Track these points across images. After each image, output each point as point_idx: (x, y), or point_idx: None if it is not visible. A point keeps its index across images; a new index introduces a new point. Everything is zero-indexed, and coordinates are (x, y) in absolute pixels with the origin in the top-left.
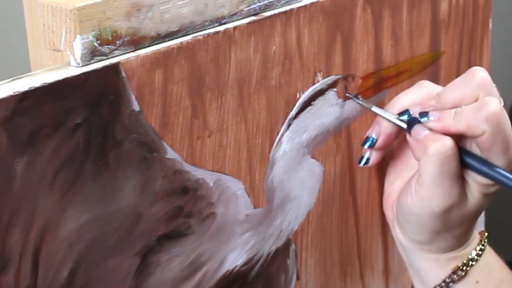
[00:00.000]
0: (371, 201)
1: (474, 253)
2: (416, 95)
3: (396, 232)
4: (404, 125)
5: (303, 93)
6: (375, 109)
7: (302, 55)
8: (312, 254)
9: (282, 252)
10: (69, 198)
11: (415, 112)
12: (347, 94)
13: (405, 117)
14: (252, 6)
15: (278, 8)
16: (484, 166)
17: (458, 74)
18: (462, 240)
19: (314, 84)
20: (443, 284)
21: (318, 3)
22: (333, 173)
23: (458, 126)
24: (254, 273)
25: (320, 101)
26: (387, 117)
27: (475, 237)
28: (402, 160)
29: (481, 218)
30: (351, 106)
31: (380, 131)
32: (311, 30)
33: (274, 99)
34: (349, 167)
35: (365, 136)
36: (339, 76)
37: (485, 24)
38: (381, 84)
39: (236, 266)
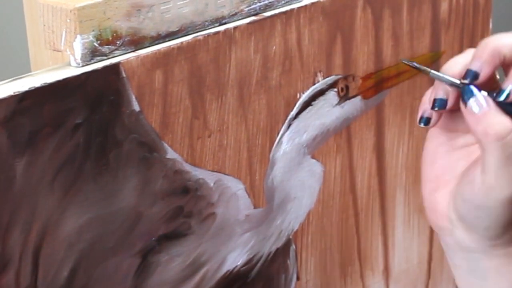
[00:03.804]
0: (371, 201)
1: None
2: (467, 58)
3: (459, 237)
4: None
5: (303, 93)
6: (434, 73)
7: (302, 55)
8: (312, 254)
9: (282, 252)
10: (69, 198)
11: (479, 68)
12: (403, 61)
13: (466, 81)
14: (252, 6)
15: (278, 8)
16: None
17: None
18: None
19: (314, 84)
20: None
21: (318, 3)
22: (333, 173)
23: None
24: (254, 273)
25: (320, 101)
26: (452, 80)
27: None
28: (438, 164)
29: None
30: (351, 106)
31: (447, 91)
32: (311, 30)
33: (274, 99)
34: (349, 167)
35: (432, 98)
36: (339, 76)
37: (485, 24)
38: (381, 84)
39: (236, 266)
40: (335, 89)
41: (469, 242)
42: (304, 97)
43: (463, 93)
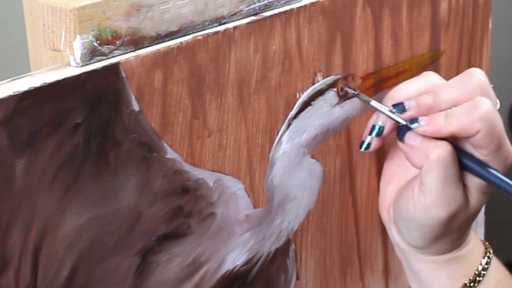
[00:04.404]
0: (371, 201)
1: (480, 268)
2: (420, 85)
3: (393, 235)
4: (402, 121)
5: (303, 93)
6: (373, 103)
7: (302, 55)
8: (312, 254)
9: (282, 252)
10: (69, 198)
11: (409, 107)
12: (346, 88)
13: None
14: (252, 6)
15: (278, 8)
16: (479, 166)
17: (457, 74)
18: (460, 241)
19: (314, 84)
20: None
21: (318, 3)
22: (333, 173)
23: (450, 127)
24: (254, 273)
25: (320, 101)
26: (386, 112)
27: (472, 237)
28: (396, 161)
29: (481, 218)
30: (351, 106)
31: (386, 119)
32: (311, 30)
33: (274, 99)
34: (349, 167)
35: (371, 124)
36: (339, 76)
37: (485, 24)
38: (381, 84)
39: (236, 266)
40: (335, 89)
41: (399, 242)
42: (303, 97)
43: (398, 132)
